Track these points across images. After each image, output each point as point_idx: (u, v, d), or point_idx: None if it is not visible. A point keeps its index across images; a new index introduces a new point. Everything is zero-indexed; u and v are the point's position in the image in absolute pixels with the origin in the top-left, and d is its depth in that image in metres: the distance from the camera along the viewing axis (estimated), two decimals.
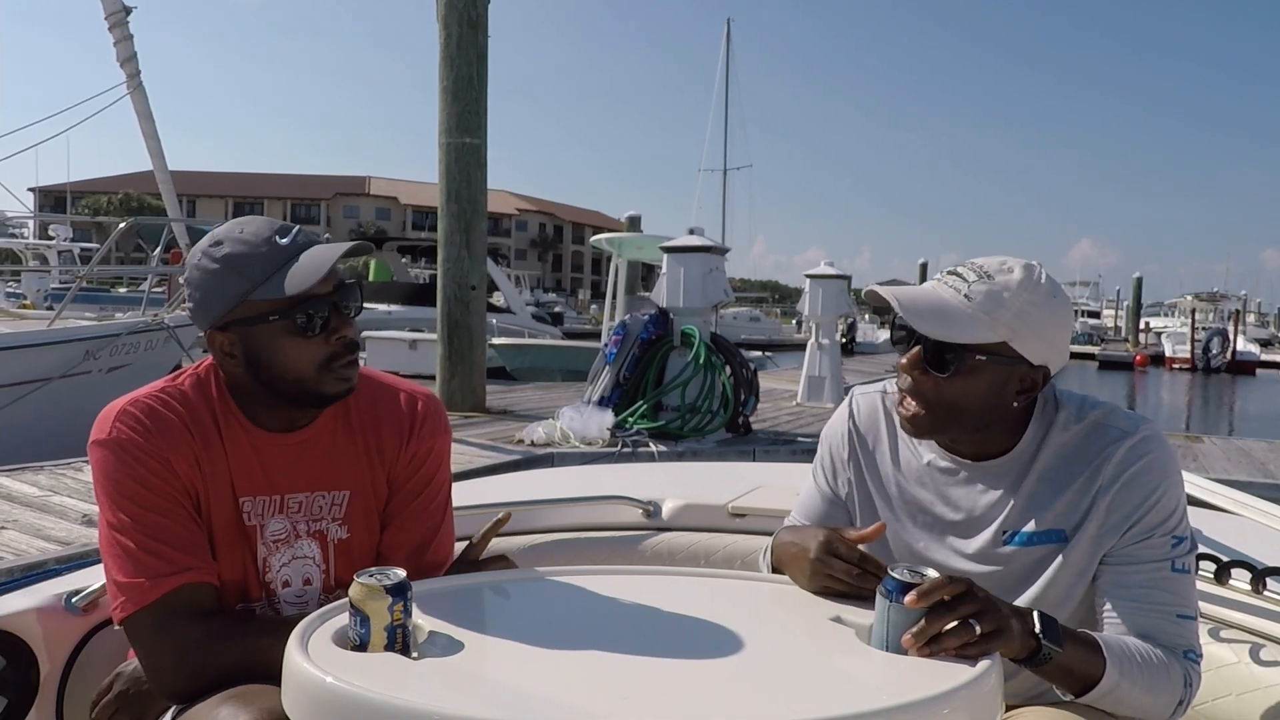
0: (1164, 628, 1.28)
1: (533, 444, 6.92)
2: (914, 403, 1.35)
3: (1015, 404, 1.34)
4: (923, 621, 1.11)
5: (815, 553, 1.31)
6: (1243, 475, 7.09)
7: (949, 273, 1.34)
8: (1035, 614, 1.19)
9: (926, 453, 1.44)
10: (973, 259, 1.35)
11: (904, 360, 1.35)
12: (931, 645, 1.10)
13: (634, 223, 17.73)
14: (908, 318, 1.31)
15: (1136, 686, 1.22)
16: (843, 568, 1.29)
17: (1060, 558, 1.34)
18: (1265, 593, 1.58)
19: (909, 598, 1.11)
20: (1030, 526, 1.35)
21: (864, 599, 1.26)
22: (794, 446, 7.62)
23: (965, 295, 1.30)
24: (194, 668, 1.29)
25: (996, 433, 1.37)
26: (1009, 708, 1.40)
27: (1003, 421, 1.36)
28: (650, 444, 7.05)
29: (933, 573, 1.14)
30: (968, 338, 1.29)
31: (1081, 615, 1.35)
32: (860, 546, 1.32)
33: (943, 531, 1.42)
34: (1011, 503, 1.36)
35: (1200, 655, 1.29)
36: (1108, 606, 1.31)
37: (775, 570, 1.44)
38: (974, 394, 1.32)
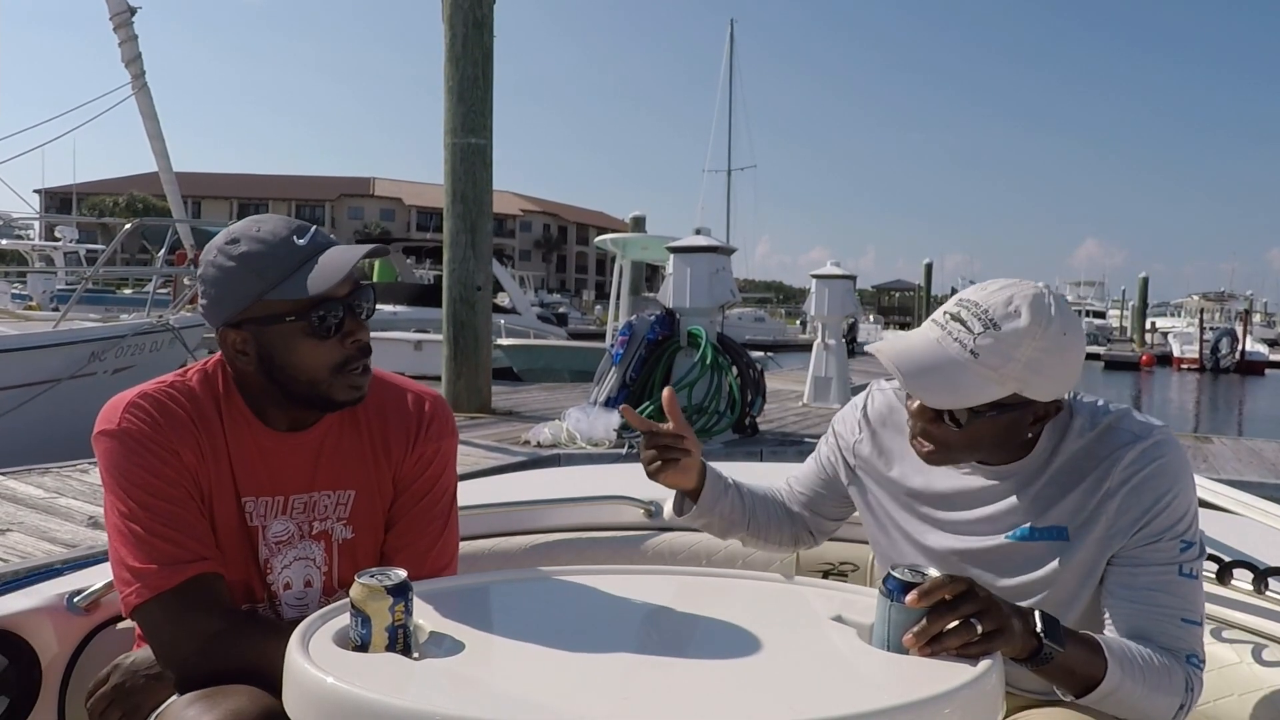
0: (1167, 631, 1.26)
1: (539, 445, 6.91)
2: (926, 442, 1.34)
3: (1030, 434, 1.34)
4: (924, 621, 1.11)
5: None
6: (1253, 476, 7.06)
7: (952, 317, 1.28)
8: (1037, 613, 1.19)
9: None
10: (976, 294, 1.29)
11: (912, 409, 1.34)
12: (933, 645, 1.10)
13: (638, 223, 17.73)
14: (911, 388, 1.28)
15: (1138, 688, 1.21)
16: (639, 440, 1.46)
17: (1062, 556, 1.33)
18: (1267, 593, 1.58)
19: (910, 597, 1.11)
20: (1033, 523, 1.35)
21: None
22: (801, 447, 7.61)
23: (971, 351, 1.24)
24: (213, 658, 1.28)
25: (1010, 450, 1.37)
26: (1017, 708, 1.40)
27: (1017, 445, 1.36)
28: None
29: (934, 572, 1.15)
30: (976, 400, 1.25)
31: (1089, 619, 1.34)
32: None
33: (946, 523, 1.42)
34: (1018, 500, 1.36)
35: (1203, 661, 1.28)
36: (1111, 606, 1.30)
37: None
38: (986, 437, 1.31)
